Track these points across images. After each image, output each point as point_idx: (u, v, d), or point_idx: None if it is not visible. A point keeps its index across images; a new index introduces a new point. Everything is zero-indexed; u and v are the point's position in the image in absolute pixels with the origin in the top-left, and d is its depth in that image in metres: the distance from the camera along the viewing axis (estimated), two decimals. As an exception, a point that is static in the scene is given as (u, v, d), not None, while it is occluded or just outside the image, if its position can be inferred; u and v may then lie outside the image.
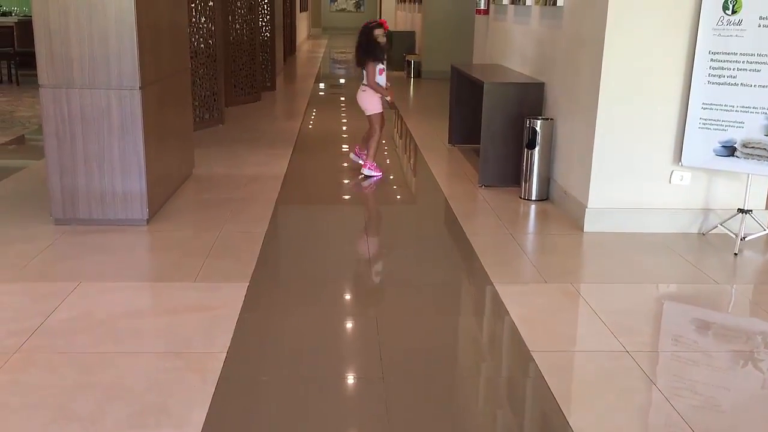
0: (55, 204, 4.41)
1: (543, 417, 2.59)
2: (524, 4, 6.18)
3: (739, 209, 4.39)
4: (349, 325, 3.34)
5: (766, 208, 4.62)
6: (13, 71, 11.68)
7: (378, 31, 5.81)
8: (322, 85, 12.84)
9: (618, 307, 3.47)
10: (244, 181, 5.71)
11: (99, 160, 4.37)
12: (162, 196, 4.86)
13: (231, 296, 3.47)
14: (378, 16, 29.79)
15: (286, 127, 8.35)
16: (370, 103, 6.02)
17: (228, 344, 2.98)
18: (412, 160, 7.09)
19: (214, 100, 8.06)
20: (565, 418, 2.51)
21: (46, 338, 3.01)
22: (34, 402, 2.53)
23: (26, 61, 10.89)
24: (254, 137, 7.56)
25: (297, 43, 19.90)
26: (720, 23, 4.19)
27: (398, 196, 5.78)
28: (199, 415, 2.45)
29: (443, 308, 3.56)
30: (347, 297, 3.67)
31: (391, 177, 3.84)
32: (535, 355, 2.95)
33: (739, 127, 4.24)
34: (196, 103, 7.56)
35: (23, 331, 3.04)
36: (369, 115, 6.07)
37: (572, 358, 3.02)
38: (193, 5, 7.48)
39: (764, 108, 4.15)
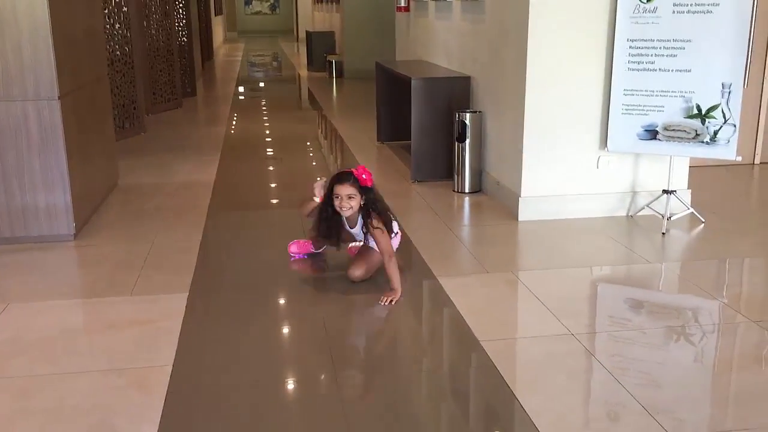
0: (-27, 224, 4.18)
1: (497, 402, 2.62)
2: (445, -1, 6.25)
3: (663, 190, 4.55)
4: (295, 327, 3.29)
5: (688, 188, 4.81)
6: None
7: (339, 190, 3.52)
8: (242, 89, 12.66)
9: (558, 293, 3.54)
10: (173, 189, 5.55)
11: (19, 175, 4.16)
12: (88, 209, 4.68)
13: (171, 308, 3.37)
14: (294, 19, 29.46)
15: (211, 132, 8.19)
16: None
17: (173, 357, 2.89)
18: (341, 159, 7.06)
19: (134, 108, 7.82)
20: (518, 401, 2.54)
21: (-24, 365, 2.85)
22: (-30, 433, 2.39)
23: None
24: (179, 144, 7.38)
25: (214, 48, 19.56)
26: (636, 11, 4.34)
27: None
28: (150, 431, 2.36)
29: (390, 305, 3.55)
30: (290, 301, 3.61)
31: (321, 178, 3.85)
32: (483, 344, 2.98)
33: (660, 111, 4.41)
34: (116, 113, 7.31)
35: (-50, 360, 2.87)
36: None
37: (520, 344, 3.06)
38: (106, 11, 7.23)
39: (682, 91, 4.32)
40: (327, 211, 3.54)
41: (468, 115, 5.30)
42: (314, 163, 6.83)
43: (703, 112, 4.28)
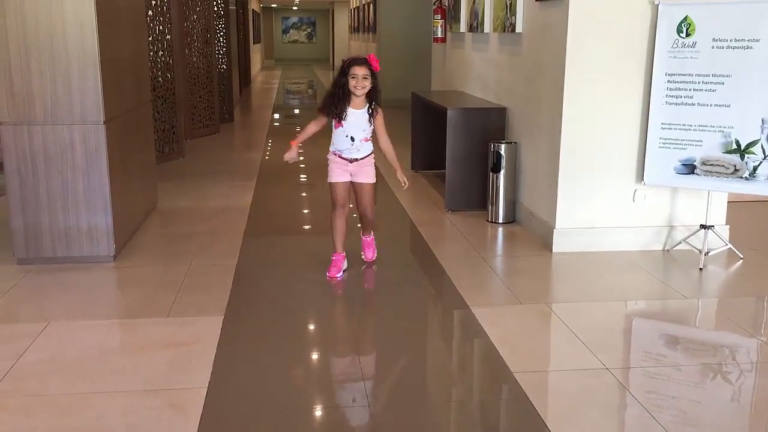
0: (18, 243, 4.30)
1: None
2: (482, 31, 6.31)
3: (701, 225, 4.50)
4: (329, 356, 3.31)
5: (726, 224, 4.75)
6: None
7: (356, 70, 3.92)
8: (278, 116, 12.84)
9: (592, 326, 3.51)
10: (210, 213, 5.64)
11: (63, 197, 4.28)
12: (127, 231, 4.78)
13: (206, 330, 3.41)
14: (330, 48, 29.96)
15: (248, 158, 8.31)
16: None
17: (208, 379, 2.92)
18: (376, 186, 7.09)
19: (174, 133, 7.99)
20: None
21: (16, 382, 2.91)
22: (10, 448, 2.44)
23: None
24: (216, 169, 7.50)
25: (252, 75, 19.90)
26: (675, 46, 4.34)
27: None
28: (185, 454, 2.39)
29: (423, 334, 3.56)
30: (324, 328, 3.63)
31: (351, 206, 3.99)
32: (517, 376, 2.96)
33: (698, 145, 4.38)
34: (156, 137, 7.47)
35: (-8, 376, 2.94)
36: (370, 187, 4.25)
37: (553, 377, 3.04)
38: (150, 38, 7.43)
39: (721, 126, 4.29)
40: (339, 91, 3.97)
41: (503, 145, 5.32)
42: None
43: (742, 148, 4.25)
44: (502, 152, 5.30)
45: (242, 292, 3.97)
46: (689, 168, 4.42)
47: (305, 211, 6.12)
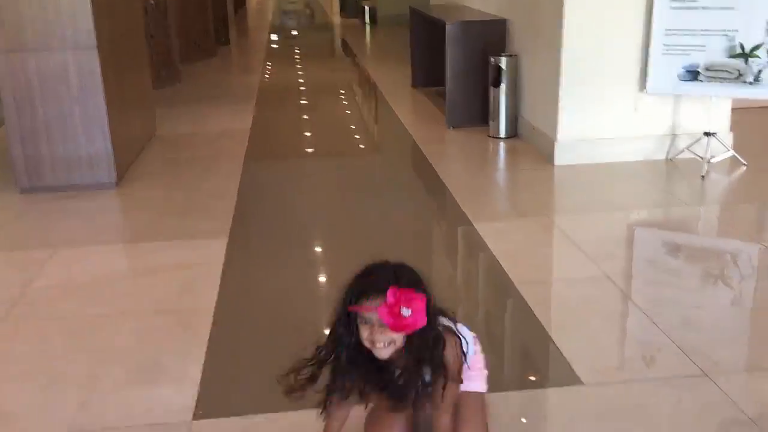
0: (20, 173, 4.30)
1: (534, 345, 2.66)
2: (480, -61, 6.10)
3: (704, 132, 4.47)
4: (334, 272, 3.35)
5: (730, 131, 4.71)
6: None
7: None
8: (275, 37, 12.61)
9: (593, 236, 3.53)
10: (210, 138, 5.61)
11: (61, 124, 4.25)
12: (128, 157, 4.77)
13: (211, 252, 3.44)
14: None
15: (246, 81, 8.20)
16: None
17: (215, 299, 2.97)
18: (376, 106, 7.04)
19: (169, 57, 7.85)
20: (555, 344, 2.57)
21: (29, 307, 2.97)
22: (27, 370, 2.51)
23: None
24: (214, 94, 7.42)
25: (246, -4, 19.41)
26: (679, -53, 4.19)
27: (367, 144, 5.75)
28: (196, 369, 2.46)
29: (426, 249, 3.59)
30: (327, 249, 3.67)
31: (353, 127, 3.89)
32: (519, 287, 3.00)
33: (701, 50, 4.29)
34: (151, 62, 7.34)
35: (5, 301, 2.99)
36: None
37: (555, 287, 3.08)
38: (139, -40, 7.20)
39: (725, 30, 4.19)
40: (346, 344, 1.73)
41: (503, 59, 5.22)
42: (348, 111, 6.82)
43: (747, 51, 4.16)
44: (503, 65, 5.21)
45: (245, 215, 3.99)
46: (693, 74, 4.35)
47: (306, 133, 6.08)
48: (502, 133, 5.35)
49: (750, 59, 4.16)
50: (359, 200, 4.30)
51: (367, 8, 13.84)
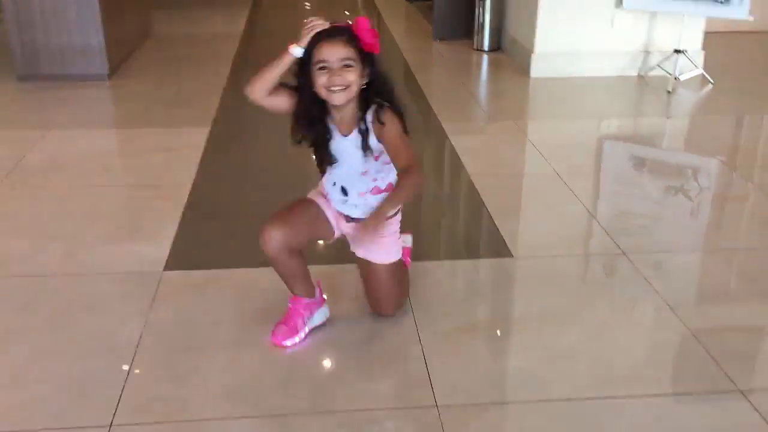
0: (17, 60, 4.50)
1: (479, 225, 2.93)
2: None
3: (674, 50, 4.63)
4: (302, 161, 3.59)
5: (702, 49, 4.87)
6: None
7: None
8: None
9: (555, 141, 3.76)
10: (203, 39, 5.77)
11: (56, 15, 4.42)
12: (121, 52, 4.95)
13: (193, 139, 3.68)
14: None
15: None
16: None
17: (193, 177, 3.23)
18: (371, 18, 7.13)
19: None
20: (495, 224, 2.84)
21: (22, 176, 3.24)
22: (20, 226, 2.79)
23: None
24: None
25: None
26: None
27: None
28: (170, 231, 2.73)
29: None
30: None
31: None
32: (473, 179, 3.25)
33: (677, -32, 4.41)
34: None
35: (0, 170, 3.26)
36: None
37: (505, 179, 3.32)
38: None
39: (701, -52, 4.30)
40: (304, 98, 1.98)
41: (490, -29, 5.32)
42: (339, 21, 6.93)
43: (720, -29, 4.28)
44: (489, -22, 5.32)
45: (228, 109, 4.20)
46: (668, -8, 4.48)
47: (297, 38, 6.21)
48: (486, 46, 5.50)
49: (722, -22, 4.29)
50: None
51: None
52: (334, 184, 2.08)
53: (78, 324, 2.17)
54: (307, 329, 2.10)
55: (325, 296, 2.20)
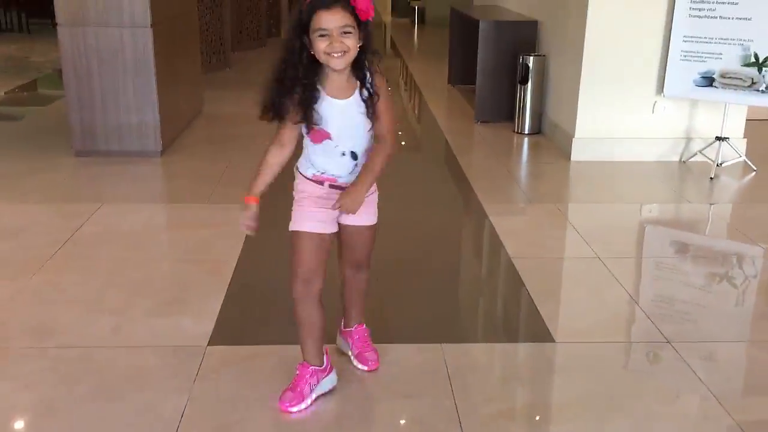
0: (76, 137, 4.72)
1: (519, 308, 2.93)
2: (520, -56, 6.35)
3: (716, 137, 4.65)
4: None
5: (743, 137, 4.88)
6: (23, 20, 11.88)
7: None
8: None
9: (596, 224, 3.78)
10: (252, 118, 5.97)
11: (115, 95, 4.65)
12: (174, 130, 5.16)
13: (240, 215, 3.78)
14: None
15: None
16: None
17: (238, 253, 3.31)
18: (413, 100, 7.34)
19: (221, 44, 8.29)
20: (537, 308, 2.84)
21: (76, 248, 3.35)
22: (71, 298, 2.88)
23: (34, 9, 11.10)
24: (260, 80, 7.79)
25: (302, -8, 19.88)
26: (700, -42, 4.40)
27: (400, 132, 6.05)
28: (215, 305, 2.80)
29: (441, 229, 3.87)
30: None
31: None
32: (514, 261, 3.27)
33: (718, 58, 4.48)
34: (204, 48, 7.79)
35: (55, 243, 3.38)
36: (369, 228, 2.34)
37: (546, 261, 3.33)
38: (198, -50, 7.65)
39: (741, 39, 4.38)
40: (296, 67, 2.02)
41: (531, 58, 5.47)
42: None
43: (761, 61, 4.34)
44: (530, 64, 5.46)
45: (273, 185, 4.31)
46: (708, 81, 4.54)
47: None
48: (526, 129, 5.60)
49: (764, 68, 4.34)
50: (384, 185, 4.59)
51: (416, 8, 14.15)
52: (343, 154, 2.13)
53: (122, 397, 2.21)
54: (314, 396, 2.19)
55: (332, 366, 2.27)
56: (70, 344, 2.52)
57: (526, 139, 5.52)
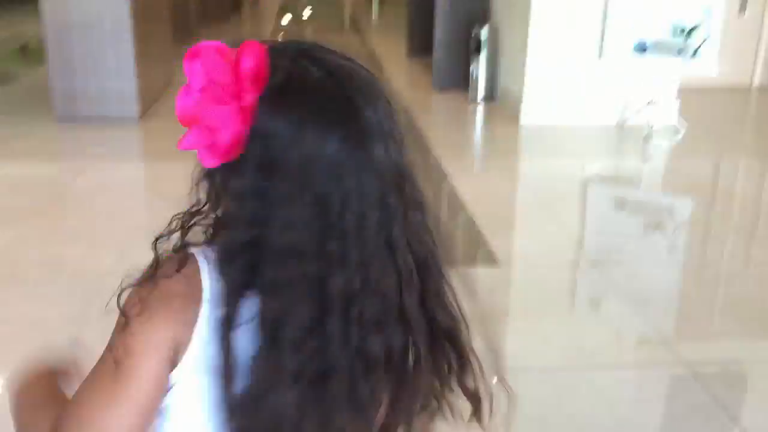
0: (57, 103, 5.00)
1: (471, 242, 3.37)
2: None
3: (649, 101, 5.14)
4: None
5: (677, 100, 5.38)
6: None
7: None
8: (287, 10, 13.22)
9: (543, 180, 4.23)
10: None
11: (94, 62, 4.93)
12: (151, 97, 5.45)
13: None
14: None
15: (258, 35, 8.85)
16: None
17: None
18: (373, 71, 7.69)
19: (186, 18, 8.53)
20: (487, 242, 3.28)
21: (73, 197, 3.69)
22: (76, 234, 3.22)
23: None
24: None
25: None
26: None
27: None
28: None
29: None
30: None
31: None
32: (468, 205, 3.70)
33: (650, 28, 4.96)
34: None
35: (55, 194, 3.71)
36: None
37: (503, 211, 3.77)
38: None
39: (670, 10, 4.87)
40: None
41: (484, 29, 5.88)
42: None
43: (687, 31, 4.83)
44: (483, 34, 5.88)
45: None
46: (642, 48, 5.02)
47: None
48: (481, 97, 6.02)
49: (689, 38, 4.84)
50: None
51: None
52: None
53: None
54: None
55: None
56: (79, 274, 2.88)
57: (479, 106, 5.94)
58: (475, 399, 0.88)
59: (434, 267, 0.85)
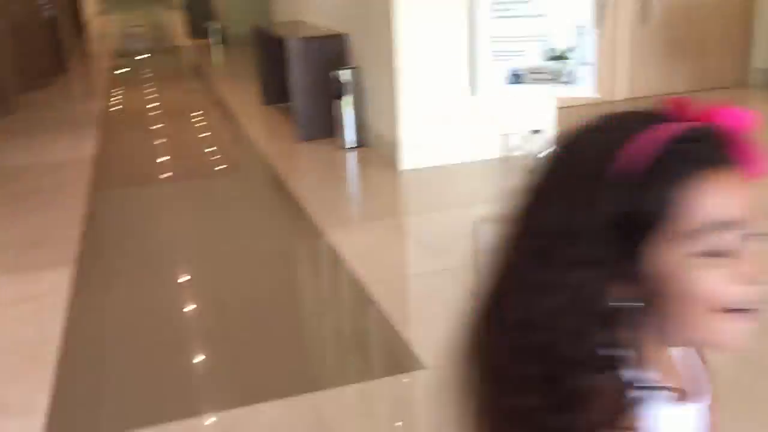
0: None
1: (381, 335, 2.80)
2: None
3: (532, 130, 4.84)
4: (186, 296, 3.35)
5: (557, 126, 5.13)
6: None
7: None
8: (120, 62, 12.23)
9: (435, 234, 3.75)
10: (48, 168, 5.40)
11: None
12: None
13: (55, 283, 3.35)
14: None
15: (88, 108, 7.93)
16: None
17: (61, 330, 2.90)
18: (228, 126, 7.03)
19: (1, 89, 7.46)
20: (398, 334, 2.73)
21: None
22: None
23: None
24: (53, 124, 7.12)
25: (85, 20, 18.68)
26: (493, -39, 4.55)
27: (218, 164, 5.74)
28: (42, 401, 2.40)
29: (277, 255, 3.66)
30: (180, 272, 3.65)
31: (203, 149, 3.88)
32: (366, 285, 3.14)
33: (522, 55, 4.66)
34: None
35: None
36: None
37: (400, 282, 3.25)
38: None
39: (540, 36, 4.58)
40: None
41: (345, 71, 5.40)
42: (197, 134, 6.77)
43: (560, 54, 4.56)
44: (344, 79, 5.39)
45: (92, 244, 3.89)
46: (517, 77, 4.71)
47: (155, 159, 5.97)
48: (350, 143, 5.52)
49: (564, 61, 4.57)
50: (210, 221, 4.30)
51: (214, 29, 13.71)
52: None
53: None
54: None
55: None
56: None
57: (351, 154, 5.43)
58: None
59: None
